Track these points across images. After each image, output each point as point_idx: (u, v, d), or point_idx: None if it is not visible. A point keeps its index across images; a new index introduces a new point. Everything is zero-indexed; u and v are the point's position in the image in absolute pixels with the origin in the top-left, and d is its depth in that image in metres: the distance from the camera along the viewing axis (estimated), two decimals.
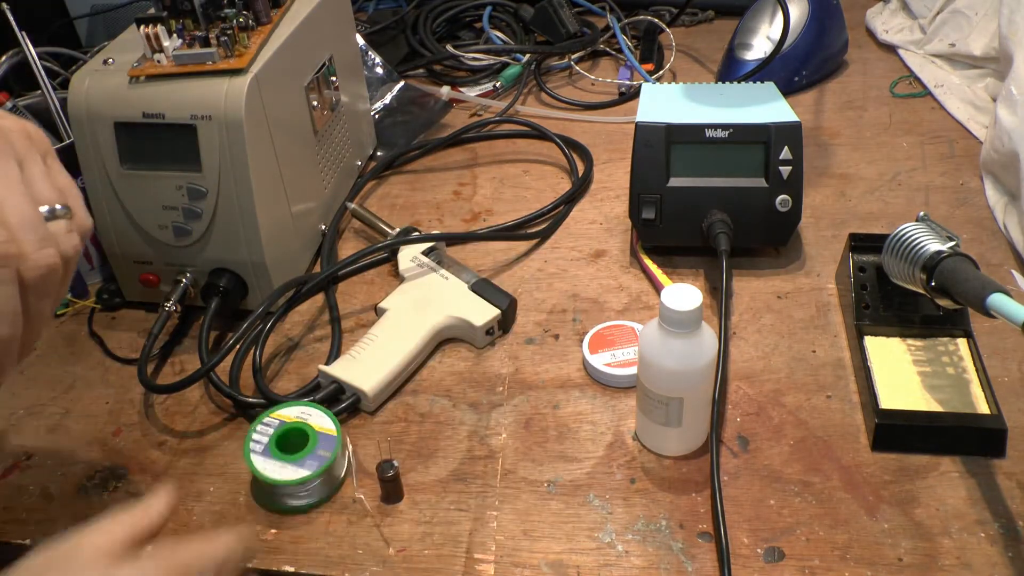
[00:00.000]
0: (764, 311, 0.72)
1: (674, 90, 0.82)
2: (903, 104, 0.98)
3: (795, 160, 0.72)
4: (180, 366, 0.72)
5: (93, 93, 0.68)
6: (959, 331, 0.65)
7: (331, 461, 0.58)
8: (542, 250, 0.82)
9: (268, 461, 0.59)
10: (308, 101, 0.78)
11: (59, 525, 0.60)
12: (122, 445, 0.66)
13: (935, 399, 0.61)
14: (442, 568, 0.55)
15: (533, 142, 0.98)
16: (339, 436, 0.60)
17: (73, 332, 0.77)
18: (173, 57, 0.68)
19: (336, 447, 0.59)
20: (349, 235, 0.86)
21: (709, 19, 1.23)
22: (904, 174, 0.87)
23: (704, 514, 0.57)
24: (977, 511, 0.55)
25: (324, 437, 0.60)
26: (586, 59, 1.15)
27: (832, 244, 0.78)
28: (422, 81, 1.11)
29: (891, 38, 1.09)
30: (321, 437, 0.60)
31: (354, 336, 0.72)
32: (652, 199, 0.74)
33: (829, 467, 0.59)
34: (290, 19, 0.76)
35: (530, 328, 0.73)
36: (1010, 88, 0.81)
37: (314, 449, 0.59)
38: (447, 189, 0.91)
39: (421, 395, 0.68)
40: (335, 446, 0.59)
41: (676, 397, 0.57)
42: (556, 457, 0.62)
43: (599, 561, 0.55)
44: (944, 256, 0.58)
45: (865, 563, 0.53)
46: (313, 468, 0.58)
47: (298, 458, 0.59)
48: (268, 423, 0.61)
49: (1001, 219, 0.78)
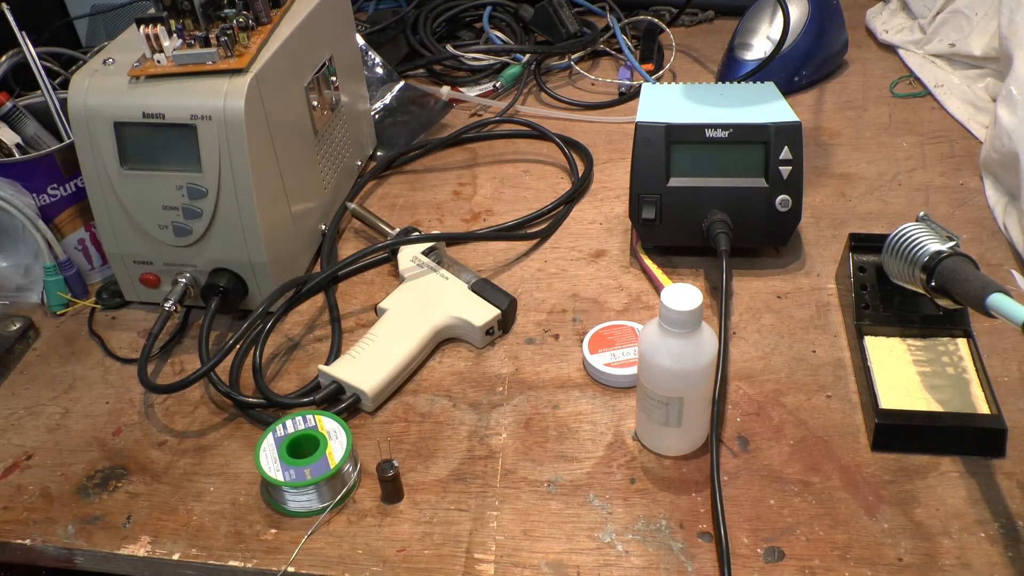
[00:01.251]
0: (764, 311, 0.72)
1: (674, 90, 0.82)
2: (903, 104, 0.98)
3: (795, 160, 0.72)
4: (180, 366, 0.72)
5: (93, 93, 0.68)
6: (959, 331, 0.65)
7: (338, 467, 0.59)
8: (542, 250, 0.82)
9: (275, 464, 0.59)
10: (308, 101, 0.78)
11: (59, 525, 0.60)
12: (122, 445, 0.66)
13: (935, 399, 0.61)
14: (442, 568, 0.55)
15: (533, 142, 0.98)
16: (348, 445, 0.60)
17: (73, 332, 0.77)
18: (173, 57, 0.68)
19: (345, 454, 0.59)
20: (349, 235, 0.86)
21: (709, 19, 1.23)
22: (904, 174, 0.87)
23: (704, 514, 0.57)
24: (977, 511, 0.55)
25: (336, 444, 0.60)
26: (586, 59, 1.15)
27: (832, 244, 0.78)
28: (422, 81, 1.11)
29: (891, 38, 1.09)
30: (333, 444, 0.60)
31: (354, 336, 0.72)
32: (652, 199, 0.74)
33: (829, 467, 0.59)
34: (290, 19, 0.76)
35: (530, 328, 0.73)
36: (1010, 88, 0.81)
37: (322, 455, 0.59)
38: (447, 189, 0.92)
39: (421, 395, 0.68)
40: (344, 454, 0.59)
41: (676, 397, 0.57)
42: (556, 457, 0.62)
43: (599, 561, 0.55)
44: (944, 256, 0.58)
45: (865, 563, 0.53)
46: (319, 473, 0.58)
47: (306, 463, 0.59)
48: (282, 428, 0.62)
49: (1001, 219, 0.78)
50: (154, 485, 0.62)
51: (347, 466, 0.60)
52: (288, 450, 0.60)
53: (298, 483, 0.58)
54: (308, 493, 0.59)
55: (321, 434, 0.61)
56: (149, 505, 0.61)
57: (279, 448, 0.60)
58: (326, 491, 0.59)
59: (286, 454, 0.60)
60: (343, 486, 0.60)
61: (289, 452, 0.60)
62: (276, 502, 0.60)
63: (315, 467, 0.59)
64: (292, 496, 0.59)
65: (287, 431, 0.61)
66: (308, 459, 0.59)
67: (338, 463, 0.59)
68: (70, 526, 0.60)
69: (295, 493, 0.59)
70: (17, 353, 0.75)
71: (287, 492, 0.59)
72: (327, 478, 0.58)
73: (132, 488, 0.62)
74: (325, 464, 0.59)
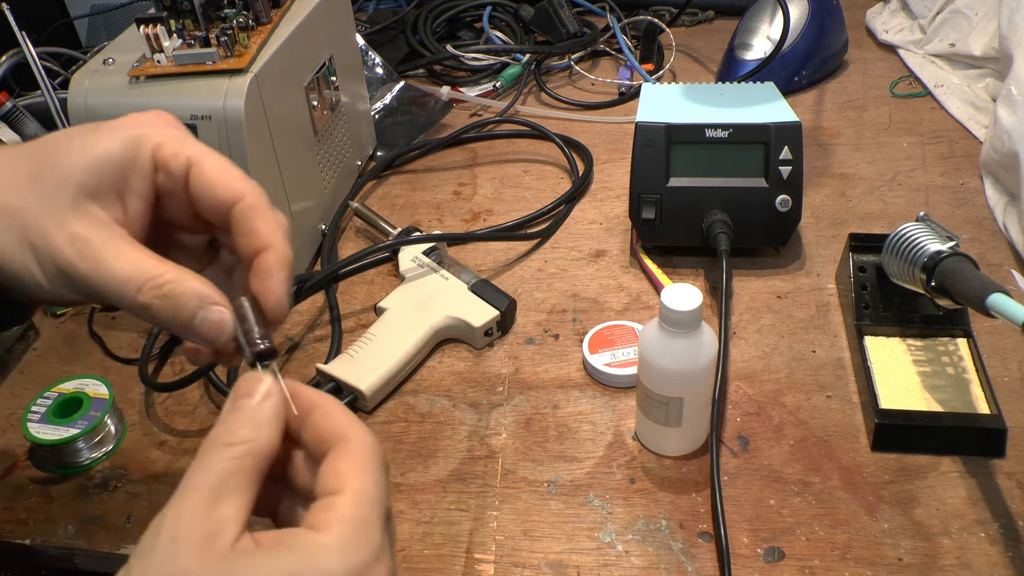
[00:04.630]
0: (764, 311, 0.72)
1: (674, 90, 0.82)
2: (903, 104, 0.98)
3: (795, 160, 0.72)
4: (180, 366, 0.72)
5: (93, 93, 0.68)
6: (959, 331, 0.65)
7: (100, 420, 0.64)
8: (542, 250, 0.82)
9: (45, 427, 0.63)
10: (308, 101, 0.78)
11: (59, 525, 0.60)
12: (122, 445, 0.66)
13: (935, 399, 0.61)
14: (442, 568, 0.55)
15: (533, 142, 0.98)
16: (111, 399, 0.65)
17: (73, 332, 0.77)
18: (173, 57, 0.68)
19: (107, 408, 0.65)
20: (349, 234, 0.86)
21: (709, 19, 1.23)
22: (904, 174, 0.87)
23: (704, 514, 0.57)
24: (977, 511, 0.55)
25: (97, 401, 0.65)
26: (586, 59, 1.15)
27: (832, 244, 0.78)
28: (422, 81, 1.11)
29: (891, 38, 1.09)
30: (95, 402, 0.65)
31: (354, 336, 0.72)
32: (652, 199, 0.74)
33: (829, 467, 0.59)
34: (290, 19, 0.76)
35: (530, 328, 0.73)
36: (1010, 88, 0.81)
37: (86, 412, 0.64)
38: (447, 189, 0.92)
39: (421, 395, 0.68)
40: (105, 407, 0.65)
41: (676, 397, 0.57)
42: (556, 457, 0.62)
43: (599, 561, 0.55)
44: (944, 256, 0.58)
45: (865, 563, 0.53)
46: (83, 427, 0.63)
47: (72, 420, 0.64)
48: (48, 395, 0.66)
49: (1001, 219, 0.78)
50: (154, 485, 0.62)
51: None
52: (56, 412, 0.65)
53: (67, 438, 0.63)
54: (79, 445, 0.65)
55: (84, 394, 0.66)
56: (149, 505, 0.61)
57: (47, 414, 0.65)
58: (96, 444, 0.65)
59: (53, 416, 0.65)
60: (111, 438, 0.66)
61: (56, 414, 0.65)
62: (60, 465, 0.64)
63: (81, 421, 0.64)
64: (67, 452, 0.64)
65: (52, 399, 0.66)
66: (73, 416, 0.64)
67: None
68: (70, 526, 0.60)
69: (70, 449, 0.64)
70: (17, 353, 0.75)
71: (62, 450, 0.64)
72: (92, 429, 0.64)
73: (132, 488, 0.62)
74: (89, 418, 0.64)
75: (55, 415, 0.64)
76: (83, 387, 0.66)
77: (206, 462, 0.34)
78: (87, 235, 0.39)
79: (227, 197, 0.41)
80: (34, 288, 0.40)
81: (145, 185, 0.41)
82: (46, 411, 0.64)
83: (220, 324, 0.39)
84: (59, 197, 0.39)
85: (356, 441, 0.36)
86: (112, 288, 0.38)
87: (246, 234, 0.41)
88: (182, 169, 0.41)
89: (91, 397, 0.65)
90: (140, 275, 0.38)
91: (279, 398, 0.36)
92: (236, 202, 0.41)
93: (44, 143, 0.41)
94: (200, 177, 0.41)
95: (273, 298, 0.40)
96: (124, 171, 0.40)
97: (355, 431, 0.36)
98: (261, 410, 0.36)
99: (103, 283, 0.39)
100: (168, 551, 0.31)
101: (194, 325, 0.39)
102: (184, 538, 0.31)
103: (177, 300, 0.39)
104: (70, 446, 0.63)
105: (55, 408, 0.65)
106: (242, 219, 0.41)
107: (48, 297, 0.41)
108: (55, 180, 0.39)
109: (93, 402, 0.65)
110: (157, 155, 0.41)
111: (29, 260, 0.39)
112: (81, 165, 0.40)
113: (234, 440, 0.34)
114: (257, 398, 0.36)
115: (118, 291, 0.38)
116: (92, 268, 0.38)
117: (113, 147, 0.40)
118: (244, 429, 0.35)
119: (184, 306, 0.39)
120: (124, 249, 0.39)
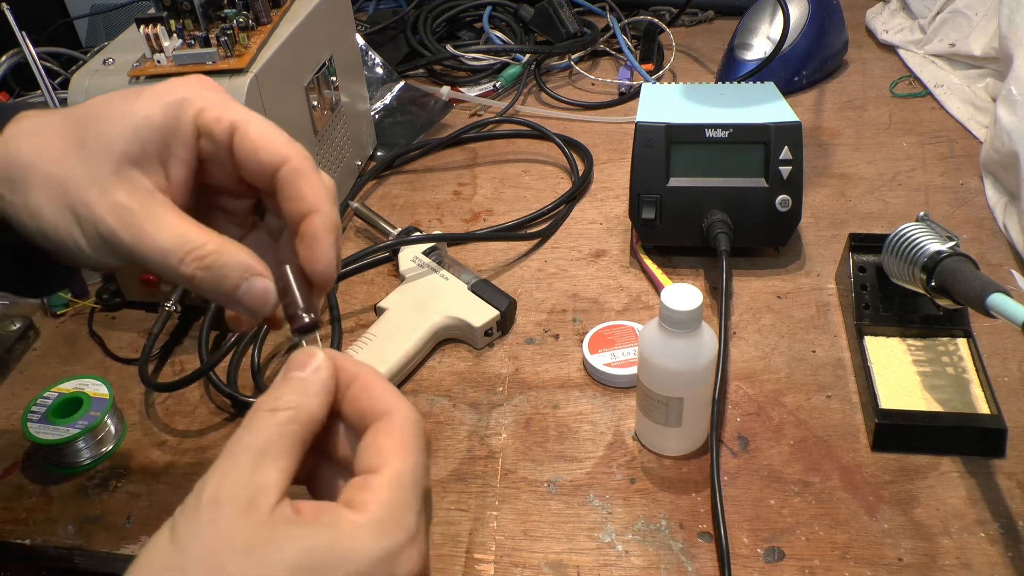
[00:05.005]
0: (764, 311, 0.72)
1: (674, 90, 0.82)
2: (903, 104, 0.98)
3: (795, 160, 0.72)
4: (180, 366, 0.72)
5: (93, 93, 0.68)
6: (959, 331, 0.65)
7: (100, 420, 0.64)
8: (542, 250, 0.82)
9: (45, 427, 0.63)
10: (308, 101, 0.78)
11: (59, 525, 0.60)
12: (122, 445, 0.66)
13: (935, 399, 0.61)
14: (442, 568, 0.55)
15: (533, 142, 0.98)
16: (111, 399, 0.65)
17: (73, 332, 0.77)
18: (173, 57, 0.68)
19: (107, 408, 0.64)
20: (349, 234, 0.86)
21: (709, 19, 1.23)
22: (904, 174, 0.87)
23: (704, 514, 0.57)
24: (977, 511, 0.55)
25: (97, 401, 0.65)
26: (586, 59, 1.15)
27: (832, 244, 0.78)
28: (422, 81, 1.11)
29: (891, 38, 1.09)
30: (95, 402, 0.65)
31: (354, 336, 0.72)
32: (652, 199, 0.74)
33: (829, 467, 0.59)
34: (290, 19, 0.76)
35: (530, 328, 0.73)
36: (1010, 88, 0.81)
37: (86, 412, 0.64)
38: (447, 189, 0.92)
39: (421, 395, 0.68)
40: (105, 407, 0.64)
41: (676, 397, 0.57)
42: (556, 457, 0.62)
43: (599, 561, 0.55)
44: (944, 256, 0.58)
45: (865, 563, 0.53)
46: (83, 427, 0.63)
47: (72, 420, 0.63)
48: (48, 395, 0.66)
49: (1001, 219, 0.78)
50: (154, 485, 0.62)
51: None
52: (55, 412, 0.65)
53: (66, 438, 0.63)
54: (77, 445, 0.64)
55: (84, 394, 0.66)
56: (149, 505, 0.61)
57: (46, 414, 0.65)
58: (95, 445, 0.65)
59: (53, 416, 0.65)
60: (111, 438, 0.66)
61: (56, 414, 0.65)
62: (59, 466, 0.64)
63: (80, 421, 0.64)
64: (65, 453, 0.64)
65: (52, 399, 0.66)
66: (72, 416, 0.64)
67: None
68: (70, 526, 0.60)
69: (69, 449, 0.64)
70: (17, 353, 0.75)
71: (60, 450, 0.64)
72: (91, 429, 0.63)
73: (132, 488, 0.62)
74: (89, 418, 0.64)
75: (55, 415, 0.64)
76: (83, 387, 0.66)
77: (253, 426, 0.34)
78: (129, 204, 0.39)
79: (272, 160, 0.40)
80: (78, 254, 0.40)
81: (188, 151, 0.41)
82: (46, 411, 0.64)
83: (263, 295, 0.39)
84: (102, 165, 0.39)
85: (398, 416, 0.36)
86: (154, 258, 0.38)
87: (292, 198, 0.40)
88: (225, 134, 0.40)
89: (91, 397, 0.65)
90: (182, 245, 0.38)
91: (328, 372, 0.36)
92: (281, 165, 0.40)
93: (87, 109, 0.41)
94: (244, 141, 0.40)
95: (321, 264, 0.40)
96: (166, 137, 0.40)
97: (397, 404, 0.36)
98: (311, 381, 0.36)
99: (145, 252, 0.38)
100: (210, 511, 0.32)
101: (237, 296, 0.39)
102: (228, 498, 0.32)
103: (220, 271, 0.38)
104: (70, 446, 0.63)
105: (55, 408, 0.65)
106: (288, 183, 0.40)
107: (91, 263, 0.41)
108: (98, 148, 0.39)
109: (93, 402, 0.65)
110: (199, 120, 0.40)
111: (73, 228, 0.39)
112: (124, 133, 0.39)
113: (279, 406, 0.34)
114: (308, 371, 0.36)
115: (161, 261, 0.38)
116: (135, 237, 0.38)
117: (155, 113, 0.40)
118: (291, 395, 0.35)
119: (227, 277, 0.38)
120: (167, 218, 0.39)
